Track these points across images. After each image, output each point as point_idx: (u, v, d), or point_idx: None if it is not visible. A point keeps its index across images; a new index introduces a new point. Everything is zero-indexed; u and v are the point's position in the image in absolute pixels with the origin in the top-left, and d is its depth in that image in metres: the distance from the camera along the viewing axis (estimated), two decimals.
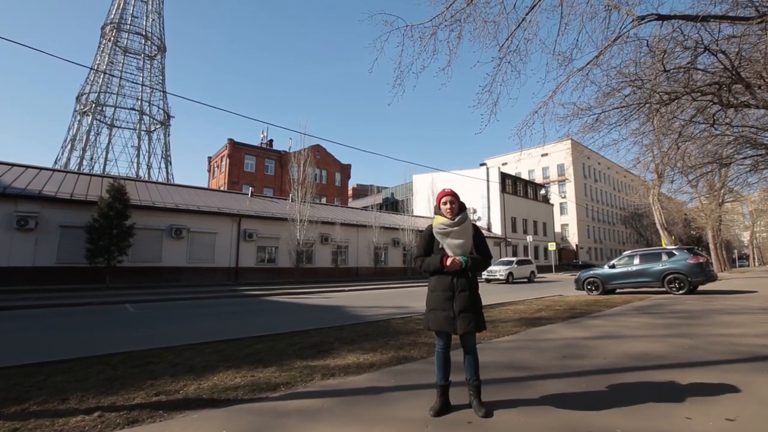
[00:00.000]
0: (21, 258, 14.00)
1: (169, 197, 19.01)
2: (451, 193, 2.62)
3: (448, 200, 2.58)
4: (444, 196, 2.62)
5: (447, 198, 2.60)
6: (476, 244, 2.59)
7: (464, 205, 2.66)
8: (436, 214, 2.68)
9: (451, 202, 2.58)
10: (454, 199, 2.59)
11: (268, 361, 3.98)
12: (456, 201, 2.60)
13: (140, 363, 3.98)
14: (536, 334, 5.29)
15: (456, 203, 2.60)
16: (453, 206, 2.58)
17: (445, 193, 2.63)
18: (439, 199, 2.63)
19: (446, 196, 2.61)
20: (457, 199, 2.61)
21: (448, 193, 2.62)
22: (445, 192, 2.64)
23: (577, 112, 7.42)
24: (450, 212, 2.57)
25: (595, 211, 56.95)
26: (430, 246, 2.60)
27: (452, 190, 2.64)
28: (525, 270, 22.67)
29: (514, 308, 8.46)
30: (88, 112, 56.78)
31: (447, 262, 2.44)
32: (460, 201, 2.63)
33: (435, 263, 2.48)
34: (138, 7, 61.24)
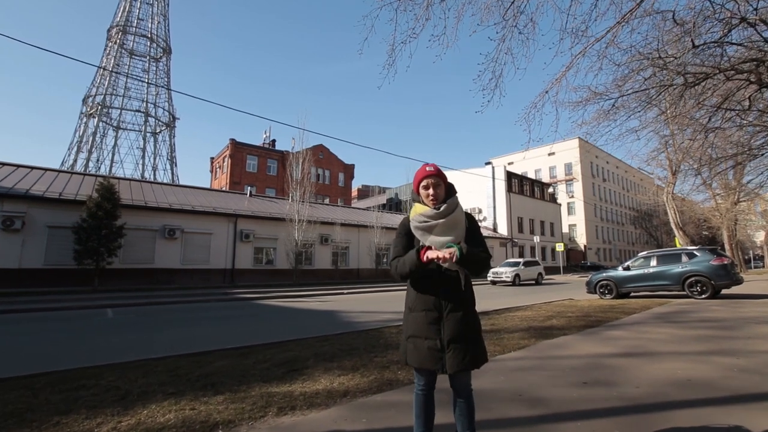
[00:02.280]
0: (7, 259, 13.49)
1: (163, 197, 18.46)
2: (433, 172, 1.84)
3: (430, 182, 1.82)
4: (424, 176, 1.84)
5: (428, 179, 1.83)
6: (470, 240, 1.84)
7: (453, 187, 1.91)
8: (413, 201, 1.94)
9: (434, 185, 1.82)
10: (438, 181, 1.83)
11: (222, 385, 3.29)
12: (441, 183, 1.85)
13: (70, 386, 3.31)
14: (548, 348, 4.53)
15: (441, 186, 1.85)
16: (437, 191, 1.83)
17: (425, 173, 1.84)
18: (418, 180, 1.86)
19: (427, 177, 1.83)
20: (442, 179, 1.85)
21: (430, 173, 1.83)
22: (426, 170, 1.85)
23: (591, 97, 6.65)
24: (433, 198, 1.83)
25: (604, 210, 55.67)
26: (409, 247, 1.86)
27: (436, 167, 1.87)
28: (532, 271, 21.81)
29: (522, 314, 7.69)
30: (94, 114, 56.89)
31: (428, 255, 1.67)
32: (446, 182, 1.88)
33: (411, 260, 1.73)
34: (143, 10, 61.31)
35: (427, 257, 1.66)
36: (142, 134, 58.93)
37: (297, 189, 20.54)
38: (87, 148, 55.17)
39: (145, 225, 16.30)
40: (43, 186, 15.25)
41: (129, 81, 58.08)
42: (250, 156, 40.24)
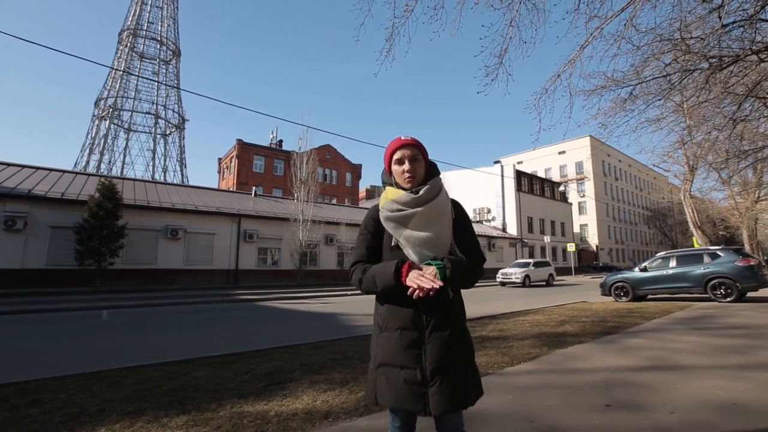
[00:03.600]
0: (9, 260, 13.39)
1: (166, 197, 18.31)
2: (410, 141, 1.40)
3: (406, 155, 1.38)
4: (397, 147, 1.40)
5: (403, 150, 1.38)
6: (458, 236, 1.41)
7: (436, 167, 1.47)
8: (384, 184, 1.50)
9: (411, 158, 1.38)
10: (416, 153, 1.39)
11: (191, 402, 2.91)
12: (420, 157, 1.40)
13: (24, 402, 2.96)
14: (562, 360, 4.05)
15: (420, 161, 1.40)
16: (414, 166, 1.38)
17: (399, 143, 1.40)
18: (389, 153, 1.42)
19: (401, 148, 1.39)
20: (422, 153, 1.41)
21: (406, 142, 1.40)
22: (400, 140, 1.41)
23: (607, 84, 6.13)
24: (409, 177, 1.37)
25: (617, 210, 54.39)
26: (376, 244, 1.43)
27: (412, 138, 1.42)
28: (543, 272, 21.16)
29: (533, 319, 7.20)
30: (105, 116, 57.65)
31: (409, 280, 1.24)
32: (427, 159, 1.44)
33: (386, 280, 1.28)
34: (153, 13, 61.98)
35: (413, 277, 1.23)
36: (152, 136, 59.58)
37: (301, 188, 20.25)
38: (99, 150, 55.97)
39: (147, 225, 16.13)
40: (46, 186, 15.17)
41: (140, 83, 58.79)
42: (257, 156, 40.20)
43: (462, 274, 1.29)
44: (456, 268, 1.27)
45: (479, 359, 4.06)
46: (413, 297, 1.22)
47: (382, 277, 1.29)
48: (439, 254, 1.32)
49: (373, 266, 1.36)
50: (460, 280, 1.30)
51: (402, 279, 1.25)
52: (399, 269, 1.26)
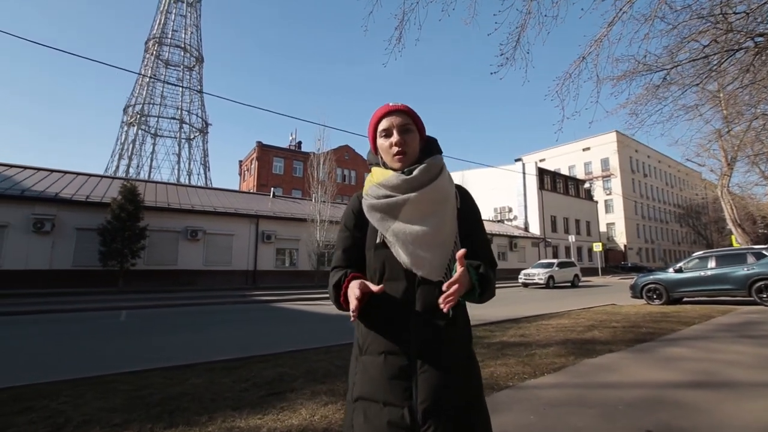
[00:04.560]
0: (38, 261, 13.87)
1: (186, 198, 18.62)
2: (399, 107, 1.09)
3: (395, 123, 1.06)
4: (383, 115, 1.09)
5: (391, 118, 1.07)
6: (465, 233, 1.09)
7: (436, 144, 1.15)
8: (370, 165, 1.20)
9: (402, 128, 1.06)
10: (406, 121, 1.07)
11: (182, 414, 2.71)
12: (413, 126, 1.09)
13: (14, 409, 2.84)
14: (592, 371, 3.65)
15: (414, 133, 1.09)
16: (405, 138, 1.06)
17: (386, 109, 1.09)
18: (374, 124, 1.11)
19: (388, 115, 1.08)
20: (414, 121, 1.09)
21: (395, 108, 1.09)
22: (387, 107, 1.10)
23: (638, 70, 5.63)
24: (399, 153, 1.06)
25: (646, 208, 52.05)
26: (358, 243, 1.12)
27: (403, 105, 1.10)
28: (568, 273, 20.32)
29: (557, 323, 6.74)
30: (133, 123, 59.84)
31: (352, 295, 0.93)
32: (423, 131, 1.13)
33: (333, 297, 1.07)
34: (177, 22, 63.90)
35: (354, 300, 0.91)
36: (177, 140, 61.48)
37: (318, 189, 20.21)
38: (128, 155, 58.16)
39: (167, 226, 16.41)
40: (72, 189, 15.65)
41: (165, 90, 60.74)
42: (276, 158, 40.67)
43: (492, 285, 1.06)
44: (490, 280, 1.04)
45: (498, 369, 3.71)
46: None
47: (332, 296, 1.07)
48: (440, 254, 1.01)
49: (333, 276, 1.10)
50: (489, 293, 1.05)
51: (341, 300, 1.02)
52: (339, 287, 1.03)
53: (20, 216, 13.64)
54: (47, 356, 5.04)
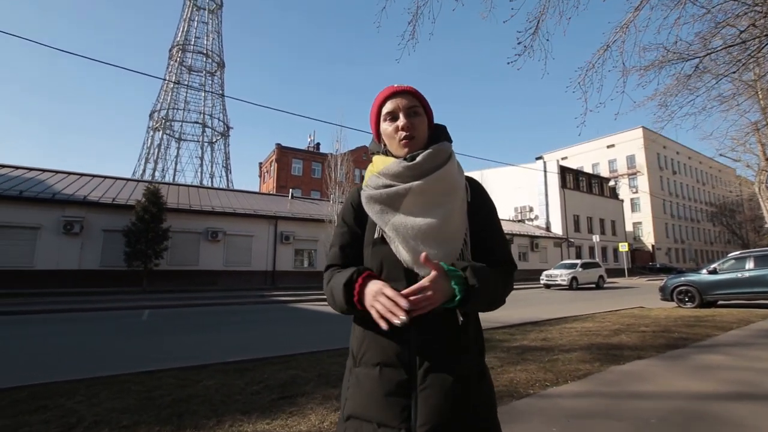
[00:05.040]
0: (68, 261, 14.42)
1: (207, 200, 19.01)
2: (405, 88, 0.98)
3: (401, 106, 0.95)
4: (388, 96, 0.97)
5: (396, 100, 0.96)
6: (477, 228, 0.97)
7: (445, 130, 1.03)
8: (372, 153, 1.07)
9: (409, 111, 0.95)
10: (414, 103, 0.96)
11: (191, 417, 2.68)
12: (421, 109, 0.97)
13: (30, 408, 2.88)
14: (619, 379, 3.42)
15: (422, 117, 0.97)
16: (413, 121, 0.95)
17: (391, 90, 0.98)
18: (377, 107, 1.00)
19: (393, 97, 0.97)
20: (422, 104, 0.98)
21: (399, 89, 0.98)
22: (392, 88, 0.98)
23: (667, 59, 5.30)
24: (405, 138, 0.95)
25: (675, 206, 49.88)
26: (356, 238, 1.01)
27: (410, 87, 0.99)
28: (592, 274, 19.63)
29: (582, 326, 6.45)
30: (159, 127, 61.89)
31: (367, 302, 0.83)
32: (431, 115, 1.02)
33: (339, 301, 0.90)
34: (200, 29, 65.73)
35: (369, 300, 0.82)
36: (200, 144, 63.21)
37: (336, 190, 20.25)
38: (153, 159, 60.20)
39: (189, 228, 16.77)
40: (100, 192, 16.22)
41: (188, 95, 62.61)
42: (295, 160, 41.16)
43: (492, 292, 0.87)
44: (484, 283, 0.83)
45: (518, 375, 3.53)
46: None
47: (338, 296, 0.89)
48: (447, 253, 0.89)
49: (336, 275, 0.95)
50: (487, 301, 0.87)
51: (354, 298, 0.85)
52: (351, 285, 0.86)
53: (52, 218, 14.21)
54: (70, 354, 5.16)
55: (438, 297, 0.79)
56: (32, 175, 16.30)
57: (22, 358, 4.91)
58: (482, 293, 0.83)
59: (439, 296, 0.79)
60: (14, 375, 3.96)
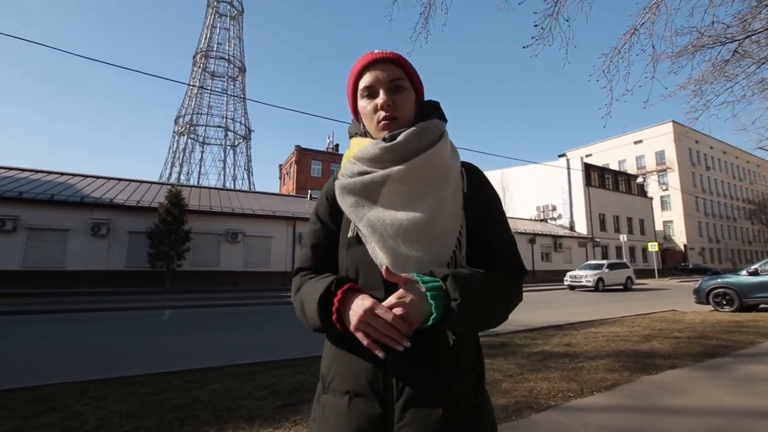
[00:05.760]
0: (95, 262, 14.94)
1: (227, 202, 19.34)
2: (386, 56, 0.79)
3: (380, 79, 0.77)
4: (365, 66, 0.79)
5: (375, 72, 0.78)
6: (476, 226, 0.78)
7: (438, 108, 0.84)
8: (351, 136, 0.91)
9: (390, 86, 0.78)
10: (397, 75, 0.78)
11: (193, 422, 2.61)
12: (406, 81, 0.80)
13: (39, 409, 2.88)
14: (651, 391, 3.13)
15: (408, 91, 0.80)
16: (395, 100, 0.77)
17: (370, 58, 0.79)
18: (353, 80, 0.82)
19: (370, 68, 0.79)
20: (409, 74, 0.81)
21: (379, 56, 0.79)
22: (373, 55, 0.80)
23: (701, 43, 4.91)
24: (387, 117, 0.77)
25: (709, 204, 47.44)
26: (331, 236, 0.84)
27: (394, 53, 0.80)
28: (619, 275, 18.81)
29: (609, 331, 6.09)
30: (183, 132, 63.84)
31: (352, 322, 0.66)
32: (421, 89, 0.85)
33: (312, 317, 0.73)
34: (222, 35, 67.46)
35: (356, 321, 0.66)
36: (222, 148, 64.85)
37: None
38: (179, 163, 62.18)
39: (210, 229, 17.09)
40: (125, 195, 16.75)
41: (211, 100, 64.40)
42: (314, 161, 41.52)
43: (486, 307, 0.69)
44: (472, 297, 0.65)
45: (539, 384, 3.30)
46: None
47: (310, 312, 0.74)
48: (434, 255, 0.72)
49: (308, 282, 0.80)
50: (478, 318, 0.69)
51: (333, 318, 0.69)
52: (328, 299, 0.70)
53: (81, 221, 14.77)
54: (88, 353, 5.24)
55: (412, 319, 0.63)
56: (63, 179, 16.99)
57: (44, 357, 5.01)
58: (469, 309, 0.65)
59: (413, 317, 0.63)
60: (36, 373, 4.03)
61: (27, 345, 5.77)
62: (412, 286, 0.65)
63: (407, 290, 0.64)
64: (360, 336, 0.66)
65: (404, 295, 0.64)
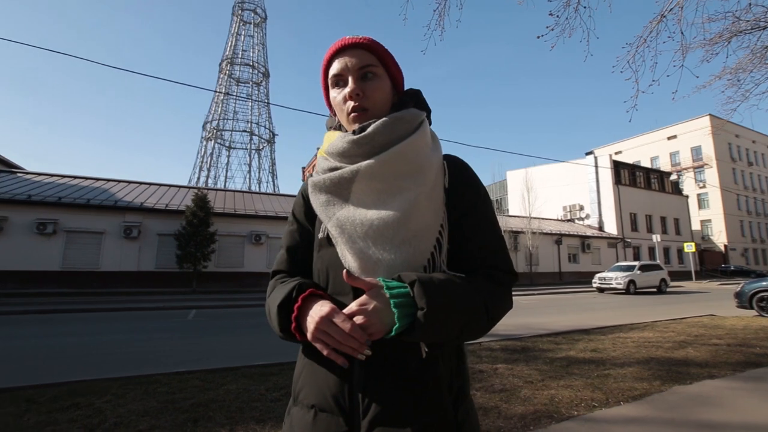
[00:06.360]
0: (128, 263, 15.60)
1: (251, 204, 19.77)
2: (357, 41, 0.73)
3: (350, 66, 0.71)
4: (335, 53, 0.73)
5: (344, 59, 0.72)
6: (459, 226, 0.71)
7: (419, 97, 0.78)
8: (328, 129, 0.84)
9: (361, 74, 0.71)
10: (368, 61, 0.72)
11: (205, 423, 2.65)
12: (379, 68, 0.73)
13: (63, 405, 2.99)
14: (686, 403, 2.91)
15: (381, 79, 0.73)
16: (364, 88, 0.71)
17: (341, 44, 0.73)
18: (324, 67, 0.76)
19: (340, 54, 0.73)
20: (382, 60, 0.74)
21: (350, 42, 0.73)
22: (344, 41, 0.73)
23: (738, 28, 4.57)
24: (356, 107, 0.71)
25: (752, 202, 44.55)
26: (306, 238, 0.80)
27: (366, 38, 0.74)
28: (652, 277, 17.91)
29: (639, 336, 5.77)
30: (211, 137, 66.01)
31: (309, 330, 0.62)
32: (400, 77, 0.78)
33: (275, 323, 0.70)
34: (246, 42, 69.38)
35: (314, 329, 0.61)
36: (248, 151, 66.65)
37: None
38: (207, 167, 64.34)
39: (234, 231, 17.51)
40: (155, 199, 17.40)
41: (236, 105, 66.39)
42: None
43: (462, 316, 0.61)
44: (443, 306, 0.58)
45: (560, 392, 3.14)
46: None
47: (272, 319, 0.70)
48: (408, 258, 0.65)
49: (277, 287, 0.75)
50: (452, 328, 0.61)
51: (292, 326, 0.65)
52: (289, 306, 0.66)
53: (114, 224, 15.46)
54: (114, 351, 5.43)
55: (372, 329, 0.57)
56: (98, 184, 17.85)
57: (75, 354, 5.23)
58: (439, 319, 0.57)
59: (375, 327, 0.57)
60: (65, 370, 4.20)
61: (61, 342, 6.04)
62: (376, 292, 0.59)
63: (370, 296, 0.59)
64: (319, 346, 0.61)
65: (367, 302, 0.58)
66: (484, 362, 4.24)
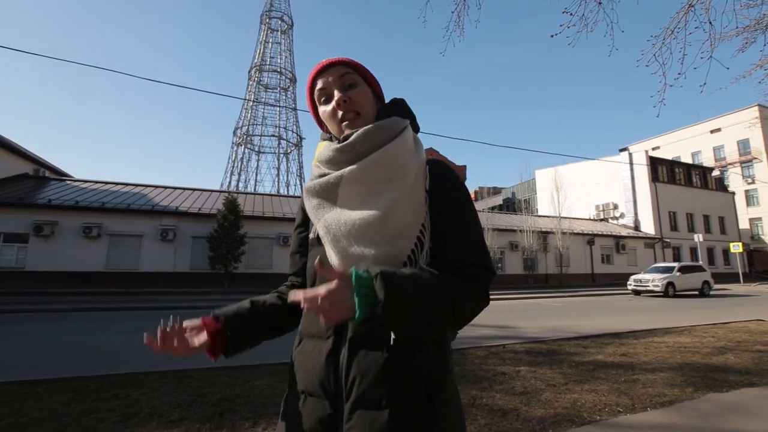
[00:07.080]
0: (164, 264, 16.42)
1: (279, 207, 20.31)
2: (334, 62, 0.81)
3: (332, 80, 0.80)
4: (317, 73, 0.82)
5: (326, 77, 0.80)
6: (440, 226, 0.74)
7: (403, 106, 0.85)
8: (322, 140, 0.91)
9: (342, 84, 0.80)
10: (347, 72, 0.80)
11: (231, 416, 2.78)
12: (359, 79, 0.81)
13: (105, 395, 3.22)
14: (720, 412, 2.77)
15: (363, 87, 0.81)
16: (350, 95, 0.79)
17: (319, 66, 0.82)
18: (309, 88, 0.85)
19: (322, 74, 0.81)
20: (361, 73, 0.82)
21: (329, 62, 0.81)
22: (320, 65, 0.82)
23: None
24: (345, 116, 0.79)
25: None
26: (304, 241, 0.89)
27: (344, 58, 0.82)
28: (694, 280, 16.92)
29: (674, 341, 5.51)
30: (241, 142, 68.32)
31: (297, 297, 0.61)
32: (378, 89, 0.85)
33: None
34: (273, 49, 71.39)
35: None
36: (276, 155, 68.47)
37: None
38: (237, 172, 66.64)
39: (263, 234, 18.05)
40: (189, 203, 18.24)
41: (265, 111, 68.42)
42: None
43: (427, 309, 0.64)
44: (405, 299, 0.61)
45: (583, 396, 3.07)
46: None
47: None
48: (388, 255, 0.69)
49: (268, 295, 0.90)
50: (418, 321, 0.64)
51: None
52: None
53: (152, 227, 16.33)
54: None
55: (334, 314, 0.60)
56: (137, 190, 18.91)
57: (116, 349, 5.60)
58: (396, 311, 0.60)
59: (336, 312, 0.61)
60: (108, 363, 4.51)
61: (107, 339, 6.48)
62: (343, 281, 0.61)
63: (337, 285, 0.61)
64: None
65: (332, 288, 0.60)
66: (506, 364, 4.19)
